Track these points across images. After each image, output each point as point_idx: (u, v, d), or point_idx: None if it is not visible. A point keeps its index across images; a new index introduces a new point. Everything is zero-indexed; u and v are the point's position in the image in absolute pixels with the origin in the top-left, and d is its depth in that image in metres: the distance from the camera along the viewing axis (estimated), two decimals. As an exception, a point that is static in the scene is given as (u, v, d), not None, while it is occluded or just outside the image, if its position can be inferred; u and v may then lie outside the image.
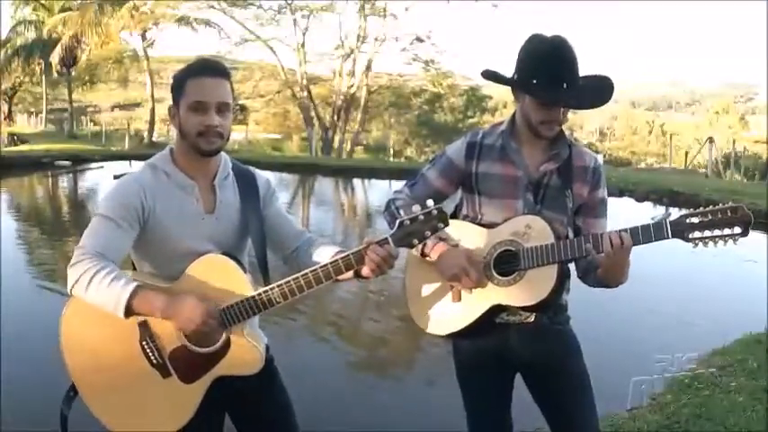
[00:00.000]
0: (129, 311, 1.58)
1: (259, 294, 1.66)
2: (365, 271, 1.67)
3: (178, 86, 1.70)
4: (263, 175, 1.89)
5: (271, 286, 1.66)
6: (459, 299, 1.91)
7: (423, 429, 3.58)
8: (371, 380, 4.56)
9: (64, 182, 17.42)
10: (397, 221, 1.66)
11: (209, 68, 1.71)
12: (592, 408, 1.98)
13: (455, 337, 1.99)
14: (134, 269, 1.79)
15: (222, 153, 1.79)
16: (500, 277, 1.86)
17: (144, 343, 1.66)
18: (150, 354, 1.66)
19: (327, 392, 3.96)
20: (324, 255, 1.78)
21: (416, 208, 1.65)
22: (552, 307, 1.91)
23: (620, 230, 1.75)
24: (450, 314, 1.93)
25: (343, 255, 1.67)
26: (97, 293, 1.58)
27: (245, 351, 1.69)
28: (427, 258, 1.92)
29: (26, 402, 3.59)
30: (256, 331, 1.82)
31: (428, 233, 1.64)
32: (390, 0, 26.95)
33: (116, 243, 1.65)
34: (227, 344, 1.67)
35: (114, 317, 1.59)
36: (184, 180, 1.73)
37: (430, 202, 1.65)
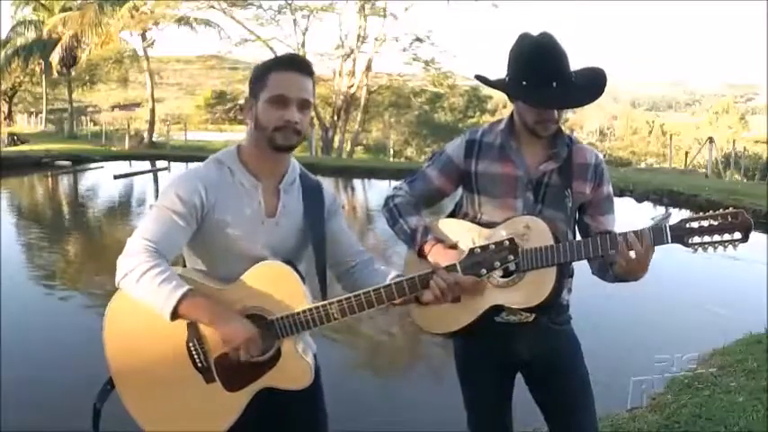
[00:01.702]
0: (175, 316, 1.52)
1: (317, 308, 1.59)
2: (427, 296, 1.61)
3: (259, 78, 1.64)
4: (330, 190, 1.82)
5: (330, 301, 1.59)
6: (459, 299, 1.91)
7: (423, 429, 3.57)
8: (371, 380, 4.56)
9: (64, 182, 17.42)
10: (468, 249, 1.61)
11: (296, 63, 1.65)
12: (591, 408, 1.98)
13: (455, 336, 1.99)
14: (183, 266, 1.74)
15: (292, 158, 1.74)
16: (499, 278, 1.86)
17: (191, 344, 1.59)
18: (196, 356, 1.60)
19: (327, 392, 3.96)
20: (382, 276, 1.71)
21: (489, 234, 1.62)
22: (553, 307, 1.91)
23: (639, 233, 1.73)
24: (450, 314, 1.92)
25: (407, 277, 1.61)
26: (146, 291, 1.52)
27: (295, 365, 1.63)
28: (423, 257, 1.91)
29: (26, 403, 3.58)
30: (307, 342, 1.75)
31: (497, 263, 1.60)
32: (390, 0, 27.01)
33: (171, 238, 1.58)
34: (278, 355, 1.61)
35: None
36: (249, 180, 1.66)
37: (503, 233, 1.62)
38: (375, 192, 16.30)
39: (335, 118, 28.63)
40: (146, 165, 20.01)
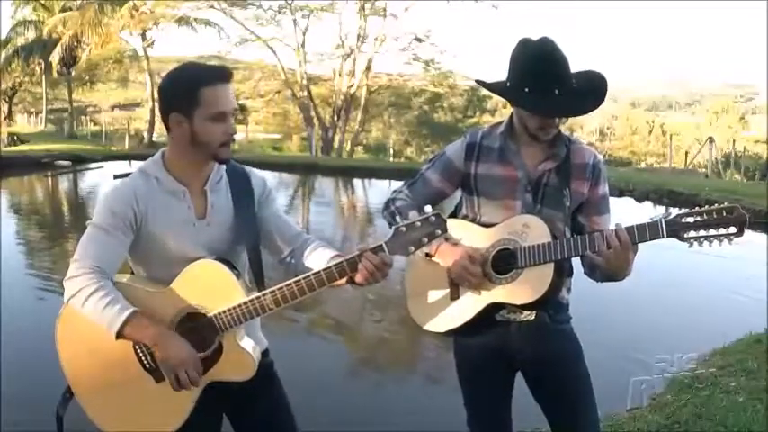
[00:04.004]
0: (120, 337, 1.60)
1: (251, 301, 1.64)
2: (358, 278, 1.64)
3: (189, 95, 1.63)
4: (259, 175, 1.85)
5: (263, 293, 1.65)
6: (458, 296, 1.92)
7: (423, 429, 3.58)
8: (371, 380, 4.57)
9: (64, 182, 17.42)
10: (393, 228, 1.63)
11: (223, 75, 1.67)
12: (593, 408, 1.99)
13: (455, 335, 1.99)
14: (132, 272, 1.79)
15: None
16: (498, 275, 1.87)
17: (137, 347, 1.66)
18: (143, 358, 1.66)
19: (327, 393, 3.96)
20: (319, 259, 1.74)
21: (413, 214, 1.63)
22: (552, 305, 1.92)
23: (616, 228, 1.75)
24: (449, 311, 1.93)
25: (336, 262, 1.65)
26: (92, 313, 1.61)
27: (237, 358, 1.68)
28: (430, 257, 1.91)
29: (26, 403, 3.58)
30: (255, 335, 1.80)
31: (425, 240, 1.61)
32: (390, 0, 26.99)
33: (110, 254, 1.66)
34: (219, 350, 1.67)
35: None
36: (175, 186, 1.71)
37: (428, 209, 1.62)
38: (375, 192, 16.30)
39: (335, 118, 28.60)
40: (146, 165, 19.96)
